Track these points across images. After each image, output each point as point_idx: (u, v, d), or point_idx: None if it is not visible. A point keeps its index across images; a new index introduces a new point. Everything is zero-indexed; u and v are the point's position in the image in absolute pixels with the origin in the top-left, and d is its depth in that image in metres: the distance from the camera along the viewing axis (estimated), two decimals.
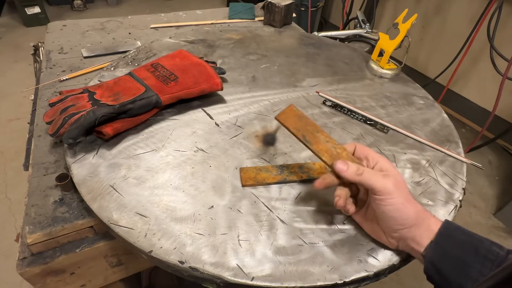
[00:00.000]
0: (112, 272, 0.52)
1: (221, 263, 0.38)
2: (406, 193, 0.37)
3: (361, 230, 0.42)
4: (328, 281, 0.37)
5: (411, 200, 0.37)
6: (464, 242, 0.35)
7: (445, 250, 0.35)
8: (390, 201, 0.36)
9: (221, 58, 0.75)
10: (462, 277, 0.33)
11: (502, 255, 0.33)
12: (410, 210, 0.36)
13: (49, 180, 0.49)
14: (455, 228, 0.36)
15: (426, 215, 0.37)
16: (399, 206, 0.36)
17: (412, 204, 0.37)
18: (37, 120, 0.59)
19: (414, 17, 0.70)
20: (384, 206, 0.36)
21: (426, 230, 0.36)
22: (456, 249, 0.34)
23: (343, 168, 0.38)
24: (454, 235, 0.35)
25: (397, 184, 0.36)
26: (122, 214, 0.42)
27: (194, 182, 0.47)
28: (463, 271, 0.33)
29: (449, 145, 0.58)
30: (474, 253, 0.34)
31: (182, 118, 0.58)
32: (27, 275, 0.43)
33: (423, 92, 0.71)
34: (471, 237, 0.35)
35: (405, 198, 0.36)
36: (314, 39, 0.88)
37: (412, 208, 0.36)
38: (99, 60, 0.76)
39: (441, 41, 1.87)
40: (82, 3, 2.90)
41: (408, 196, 0.37)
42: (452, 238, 0.35)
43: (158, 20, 0.98)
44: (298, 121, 0.43)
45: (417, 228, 0.36)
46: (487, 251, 0.33)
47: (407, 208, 0.36)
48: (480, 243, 0.34)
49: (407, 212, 0.36)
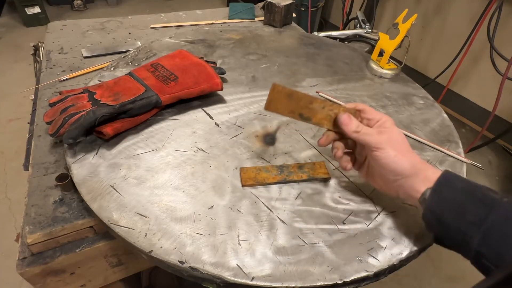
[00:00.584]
0: (112, 272, 0.52)
1: (221, 263, 0.38)
2: (401, 147, 0.40)
3: (361, 230, 0.43)
4: (328, 281, 0.37)
5: (406, 153, 0.39)
6: (462, 188, 0.36)
7: (443, 197, 0.36)
8: (383, 154, 0.39)
9: (221, 58, 0.75)
10: (459, 221, 0.35)
11: (497, 199, 0.34)
12: (404, 161, 0.39)
13: (49, 180, 0.49)
14: (454, 177, 0.38)
15: (424, 166, 0.39)
16: (392, 158, 0.39)
17: (408, 156, 0.39)
18: (37, 120, 0.59)
19: (414, 17, 0.70)
20: (379, 160, 0.39)
21: (424, 179, 0.38)
22: (454, 195, 0.36)
23: (347, 121, 0.41)
24: (452, 183, 0.37)
25: (390, 139, 0.39)
26: (122, 214, 0.42)
27: (194, 182, 0.47)
28: (461, 215, 0.35)
29: (449, 145, 0.58)
30: (471, 197, 0.35)
31: (182, 118, 0.58)
32: (27, 275, 0.43)
33: (423, 92, 0.71)
34: (469, 183, 0.37)
35: (399, 151, 0.39)
36: (314, 39, 0.88)
37: (407, 160, 0.39)
38: (99, 60, 0.76)
39: (441, 41, 1.87)
40: (82, 3, 2.90)
41: (402, 149, 0.39)
42: (450, 185, 0.37)
43: (158, 20, 0.98)
44: (289, 101, 0.41)
45: (414, 178, 0.39)
46: (483, 196, 0.35)
47: (400, 160, 0.39)
48: (477, 189, 0.36)
49: (401, 164, 0.39)
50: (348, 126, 0.41)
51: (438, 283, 1.20)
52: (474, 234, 0.34)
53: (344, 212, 0.45)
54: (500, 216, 0.33)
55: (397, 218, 0.44)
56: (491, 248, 0.33)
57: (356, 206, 0.45)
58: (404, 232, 0.43)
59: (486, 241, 0.33)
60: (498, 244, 0.33)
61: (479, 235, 0.33)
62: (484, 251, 0.33)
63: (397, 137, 0.40)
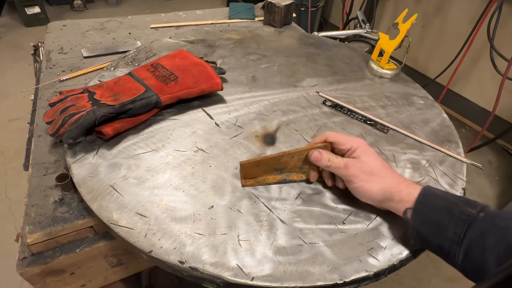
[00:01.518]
0: (112, 272, 0.52)
1: (221, 263, 0.38)
2: (370, 175, 0.41)
3: (361, 230, 0.43)
4: (328, 281, 0.37)
5: (374, 180, 0.41)
6: (440, 206, 0.38)
7: (424, 216, 0.38)
8: (351, 185, 0.43)
9: (221, 58, 0.75)
10: (440, 238, 0.37)
11: (473, 214, 0.36)
12: (372, 189, 0.41)
13: (49, 180, 0.49)
14: (432, 194, 0.39)
15: (397, 189, 0.41)
16: (359, 189, 0.42)
17: (376, 183, 0.41)
18: (37, 120, 0.59)
19: (414, 17, 0.70)
20: (351, 190, 0.43)
21: (399, 201, 0.40)
22: (434, 214, 0.38)
23: (317, 157, 0.44)
24: (431, 202, 0.39)
25: (358, 171, 0.42)
26: (122, 214, 0.42)
27: (194, 182, 0.47)
28: (441, 233, 0.37)
29: (449, 145, 0.58)
30: (449, 215, 0.37)
31: (182, 118, 0.58)
32: (27, 275, 0.43)
33: (423, 92, 0.71)
34: (447, 200, 0.38)
35: (366, 181, 0.41)
36: (314, 39, 0.88)
37: (376, 187, 0.41)
38: (99, 60, 0.76)
39: (441, 41, 1.87)
40: (82, 3, 2.90)
41: (371, 178, 0.41)
42: (429, 204, 0.39)
43: (158, 20, 0.98)
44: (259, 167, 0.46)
45: (389, 202, 0.41)
46: (460, 212, 0.36)
47: (367, 189, 0.41)
48: (455, 206, 0.37)
49: (368, 192, 0.41)
50: (320, 162, 0.44)
51: (438, 283, 1.20)
52: (456, 251, 0.35)
53: (344, 212, 0.45)
54: (477, 233, 0.35)
55: (397, 218, 0.44)
56: (474, 264, 0.35)
57: (356, 206, 0.45)
58: (404, 232, 0.43)
59: (468, 258, 0.35)
60: (478, 259, 0.34)
61: (461, 254, 0.35)
62: (468, 267, 0.35)
63: (366, 166, 0.42)
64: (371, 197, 0.42)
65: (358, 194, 0.43)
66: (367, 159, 0.43)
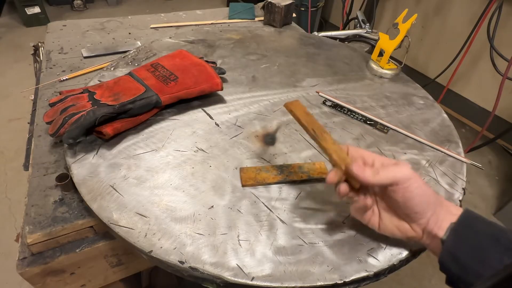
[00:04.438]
0: (112, 272, 0.52)
1: (221, 263, 0.38)
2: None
3: (361, 230, 0.42)
4: (328, 281, 0.37)
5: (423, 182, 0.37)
6: (485, 231, 0.34)
7: (464, 238, 0.34)
8: (414, 184, 0.35)
9: (221, 58, 0.75)
10: (481, 265, 0.32)
11: None
12: (431, 191, 0.36)
13: (49, 180, 0.49)
14: (475, 218, 0.35)
15: (441, 196, 0.38)
16: (423, 188, 0.35)
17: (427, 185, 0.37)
18: (37, 120, 0.59)
19: (414, 17, 0.70)
20: (410, 192, 0.35)
21: (447, 212, 0.36)
22: (476, 238, 0.34)
23: (360, 171, 0.36)
24: (475, 224, 0.35)
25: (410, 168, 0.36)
26: (122, 214, 0.42)
27: (194, 182, 0.47)
28: (483, 259, 0.32)
29: (449, 145, 0.58)
30: (495, 242, 0.33)
31: (182, 118, 0.58)
32: (27, 275, 0.43)
33: (423, 92, 0.71)
34: (492, 226, 0.34)
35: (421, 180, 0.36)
36: (314, 39, 0.88)
37: (430, 189, 0.37)
38: (99, 60, 0.76)
39: (441, 41, 1.87)
40: (82, 3, 2.90)
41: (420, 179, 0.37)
42: (472, 227, 0.34)
43: (158, 20, 0.98)
44: (306, 116, 0.41)
45: (440, 209, 0.36)
46: (509, 241, 0.32)
47: (429, 189, 0.36)
48: (502, 233, 0.33)
49: (430, 194, 0.36)
50: (365, 174, 0.36)
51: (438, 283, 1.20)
52: None
53: (344, 212, 0.45)
54: None
55: None
56: None
57: None
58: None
59: None
60: None
61: None
62: None
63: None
64: (429, 198, 0.36)
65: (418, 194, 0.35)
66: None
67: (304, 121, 0.41)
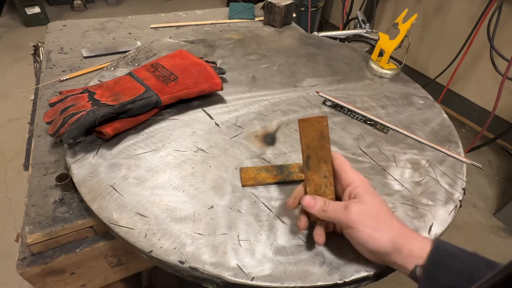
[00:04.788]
0: (112, 272, 0.52)
1: (221, 263, 0.38)
2: (375, 221, 0.35)
3: None
4: (328, 281, 0.37)
5: (382, 228, 0.35)
6: (458, 270, 0.32)
7: (438, 280, 0.33)
8: (354, 234, 0.35)
9: (221, 58, 0.75)
10: None
11: None
12: (380, 239, 0.34)
13: (49, 180, 0.49)
14: (447, 253, 0.34)
15: (406, 241, 0.34)
16: (365, 238, 0.35)
17: (384, 232, 0.35)
18: (37, 120, 0.59)
19: (414, 17, 0.70)
20: (353, 239, 0.36)
21: (407, 256, 0.34)
22: (450, 279, 0.32)
23: (310, 203, 0.37)
24: (446, 264, 0.33)
25: (362, 214, 0.35)
26: (122, 214, 0.42)
27: (194, 182, 0.47)
28: None
29: (449, 145, 0.58)
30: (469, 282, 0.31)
31: (182, 118, 0.58)
32: (27, 275, 0.43)
33: (423, 92, 0.71)
34: (464, 263, 0.33)
35: (373, 228, 0.34)
36: (314, 39, 0.88)
37: (384, 237, 0.34)
38: (99, 60, 0.76)
39: (441, 41, 1.87)
40: (82, 3, 2.90)
41: (378, 224, 0.35)
42: (444, 266, 0.33)
43: (158, 20, 0.98)
44: (315, 139, 0.38)
45: (397, 255, 0.34)
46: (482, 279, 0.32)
47: (375, 238, 0.34)
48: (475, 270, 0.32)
49: (376, 242, 0.34)
50: (313, 208, 0.37)
51: None
52: None
53: None
54: None
55: None
56: None
57: None
58: None
59: None
60: None
61: None
62: None
63: (370, 209, 0.35)
64: (377, 248, 0.34)
65: (361, 244, 0.35)
66: (371, 201, 0.36)
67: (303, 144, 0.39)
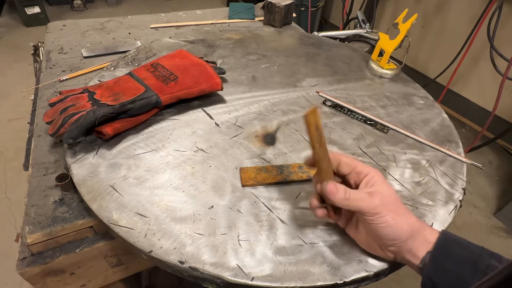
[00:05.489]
0: (112, 272, 0.52)
1: (221, 263, 0.38)
2: (396, 207, 0.36)
3: None
4: (328, 281, 0.37)
5: (403, 213, 0.36)
6: (463, 256, 0.34)
7: (442, 266, 0.34)
8: (380, 219, 0.35)
9: (221, 58, 0.75)
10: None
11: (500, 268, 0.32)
12: (402, 224, 0.35)
13: (49, 180, 0.49)
14: (453, 241, 0.35)
15: (421, 226, 0.37)
16: (390, 223, 0.35)
17: (405, 217, 0.36)
18: (37, 120, 0.59)
19: (414, 17, 0.70)
20: (376, 225, 0.36)
21: (422, 242, 0.36)
22: (454, 265, 0.34)
23: (333, 190, 0.37)
24: (452, 249, 0.35)
25: (385, 200, 0.36)
26: (122, 214, 0.42)
27: (194, 182, 0.47)
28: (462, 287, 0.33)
29: (449, 145, 0.58)
30: (473, 268, 0.33)
31: (182, 118, 0.58)
32: (27, 275, 0.43)
33: (423, 92, 0.71)
34: (470, 251, 0.34)
35: (396, 213, 0.35)
36: (314, 39, 0.88)
37: (405, 222, 0.36)
38: (99, 60, 0.76)
39: (441, 41, 1.87)
40: (82, 3, 2.90)
41: (399, 210, 0.36)
42: (449, 253, 0.34)
43: (158, 20, 0.98)
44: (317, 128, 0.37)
45: (413, 241, 0.36)
46: (486, 267, 0.33)
47: (399, 223, 0.35)
48: (479, 258, 0.33)
49: (399, 227, 0.35)
50: (336, 195, 0.36)
51: None
52: None
53: None
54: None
55: None
56: None
57: None
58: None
59: None
60: None
61: None
62: None
63: (390, 196, 0.36)
64: (399, 231, 0.35)
65: (383, 228, 0.35)
66: (389, 189, 0.37)
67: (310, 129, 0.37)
